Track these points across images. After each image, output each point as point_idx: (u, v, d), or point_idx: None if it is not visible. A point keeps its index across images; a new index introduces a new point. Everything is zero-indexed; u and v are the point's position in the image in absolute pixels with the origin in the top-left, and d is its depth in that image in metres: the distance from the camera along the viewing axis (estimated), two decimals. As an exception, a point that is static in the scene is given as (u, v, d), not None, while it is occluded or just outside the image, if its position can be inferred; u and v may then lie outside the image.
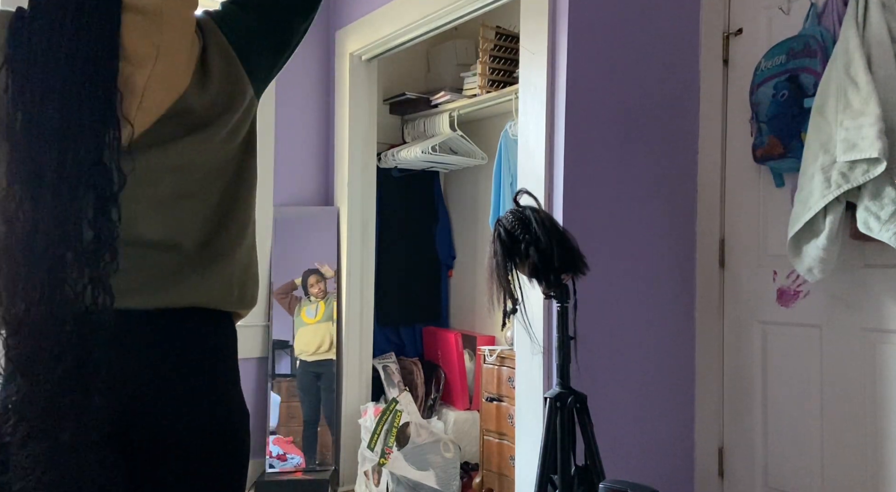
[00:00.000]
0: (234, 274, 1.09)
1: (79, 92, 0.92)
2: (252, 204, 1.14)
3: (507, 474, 2.88)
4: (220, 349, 1.09)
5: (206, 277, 1.05)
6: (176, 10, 1.04)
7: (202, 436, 1.03)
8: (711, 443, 2.44)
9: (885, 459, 2.01)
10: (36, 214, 0.90)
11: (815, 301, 2.18)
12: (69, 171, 0.91)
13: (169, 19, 1.03)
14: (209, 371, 1.06)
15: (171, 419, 1.01)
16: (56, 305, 0.89)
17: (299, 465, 3.22)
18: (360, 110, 3.44)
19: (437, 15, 2.82)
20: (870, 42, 1.91)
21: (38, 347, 0.89)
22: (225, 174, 1.08)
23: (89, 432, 0.90)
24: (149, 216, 1.01)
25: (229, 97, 1.07)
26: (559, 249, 1.75)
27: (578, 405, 1.77)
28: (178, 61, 1.02)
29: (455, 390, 3.56)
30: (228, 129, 1.07)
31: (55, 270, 0.90)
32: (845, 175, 1.89)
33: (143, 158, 0.99)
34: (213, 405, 1.06)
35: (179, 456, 1.02)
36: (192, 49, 1.04)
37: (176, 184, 1.02)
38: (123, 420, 0.98)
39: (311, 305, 3.34)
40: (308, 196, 3.52)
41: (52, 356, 0.89)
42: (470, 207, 3.91)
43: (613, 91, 2.30)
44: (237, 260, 1.10)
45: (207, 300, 1.06)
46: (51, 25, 0.94)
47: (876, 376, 2.04)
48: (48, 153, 0.91)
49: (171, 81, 1.01)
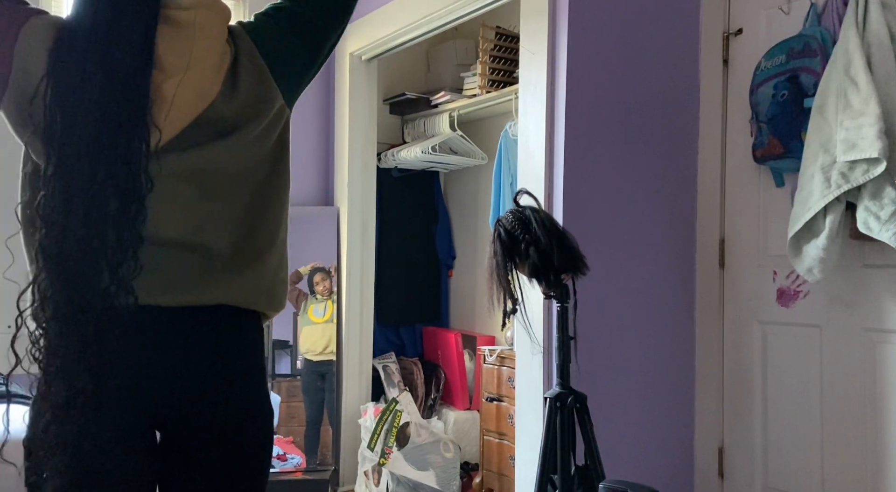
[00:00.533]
0: (264, 279, 1.13)
1: (113, 100, 0.96)
2: (284, 210, 1.17)
3: (507, 474, 2.88)
4: (249, 346, 1.13)
5: (235, 280, 1.09)
6: (209, 22, 1.07)
7: (236, 430, 1.08)
8: (711, 443, 2.44)
9: (885, 459, 2.01)
10: (68, 217, 0.94)
11: (815, 301, 2.18)
12: (100, 176, 0.95)
13: (201, 32, 1.06)
14: (240, 367, 1.10)
15: (207, 413, 1.05)
16: (82, 303, 0.94)
17: (299, 465, 3.22)
18: (360, 110, 3.44)
19: (437, 15, 2.82)
20: (870, 42, 1.91)
21: (65, 341, 0.93)
22: (252, 179, 1.10)
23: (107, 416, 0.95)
24: (175, 218, 1.04)
25: (257, 106, 1.09)
26: (559, 249, 1.75)
27: (578, 405, 1.77)
28: (208, 72, 1.05)
29: (455, 390, 3.55)
30: (255, 135, 1.09)
31: (84, 269, 0.94)
32: (845, 175, 1.89)
33: (170, 161, 1.02)
34: (245, 400, 1.10)
35: (212, 449, 1.07)
36: (223, 60, 1.07)
37: (200, 187, 1.05)
38: (161, 414, 1.04)
39: (319, 304, 3.33)
40: (308, 196, 3.52)
41: (78, 349, 0.93)
42: (470, 207, 3.91)
43: (613, 91, 2.30)
44: (267, 265, 1.13)
45: (236, 300, 1.09)
46: (90, 34, 0.98)
47: (876, 376, 2.04)
48: (82, 158, 0.95)
49: (200, 91, 1.04)
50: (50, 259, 0.94)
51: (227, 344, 1.09)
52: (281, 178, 1.15)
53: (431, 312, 3.92)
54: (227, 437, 1.07)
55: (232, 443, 1.08)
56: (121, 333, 0.95)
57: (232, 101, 1.06)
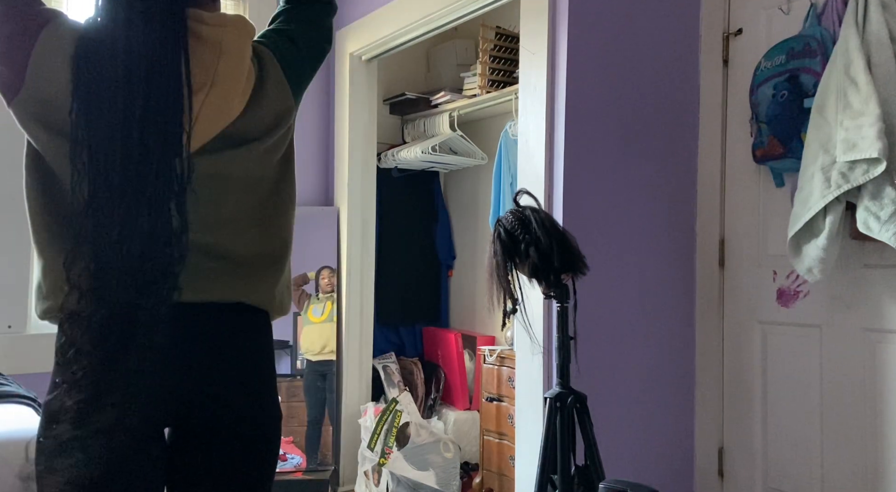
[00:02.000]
0: (277, 285, 1.17)
1: (142, 119, 0.98)
2: (292, 219, 1.21)
3: (507, 474, 2.88)
4: (264, 343, 1.16)
5: (251, 284, 1.12)
6: (234, 42, 1.09)
7: (252, 425, 1.10)
8: (711, 443, 2.44)
9: (885, 459, 2.01)
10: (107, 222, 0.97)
11: (815, 301, 2.18)
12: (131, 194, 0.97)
13: (227, 50, 1.08)
14: (257, 362, 1.13)
15: (226, 408, 1.08)
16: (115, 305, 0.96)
17: (299, 465, 3.22)
18: (360, 110, 3.44)
19: (437, 15, 2.82)
20: (869, 42, 1.91)
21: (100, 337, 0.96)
22: (262, 187, 1.14)
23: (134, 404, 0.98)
24: (191, 220, 1.05)
25: (277, 122, 1.13)
26: (559, 249, 1.74)
27: (578, 405, 1.77)
28: (232, 90, 1.07)
29: (455, 390, 3.56)
30: (268, 145, 1.13)
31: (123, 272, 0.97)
32: (845, 175, 1.89)
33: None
34: (262, 396, 1.13)
35: (228, 442, 1.08)
36: (248, 78, 1.10)
37: (215, 191, 1.08)
38: (181, 409, 1.05)
39: (318, 304, 3.34)
40: (308, 196, 3.52)
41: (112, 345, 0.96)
42: (470, 207, 3.91)
43: (613, 91, 2.30)
44: (283, 268, 1.18)
45: (253, 300, 1.13)
46: (118, 45, 0.99)
47: (876, 376, 2.04)
48: (115, 176, 0.97)
49: (223, 109, 1.06)
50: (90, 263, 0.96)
51: (244, 336, 1.12)
52: (289, 185, 1.20)
53: (431, 312, 3.92)
54: (242, 433, 1.09)
55: (246, 439, 1.10)
56: (158, 332, 0.97)
57: (253, 118, 1.09)
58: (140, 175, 0.97)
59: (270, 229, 1.15)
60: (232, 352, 1.10)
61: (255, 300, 1.13)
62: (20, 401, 1.94)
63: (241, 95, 1.08)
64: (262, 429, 1.11)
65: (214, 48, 1.07)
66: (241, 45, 1.10)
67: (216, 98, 1.05)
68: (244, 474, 1.10)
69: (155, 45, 0.99)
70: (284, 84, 1.15)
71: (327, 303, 3.33)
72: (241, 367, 1.10)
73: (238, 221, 1.10)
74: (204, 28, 1.06)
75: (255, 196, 1.12)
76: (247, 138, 1.09)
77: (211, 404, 1.07)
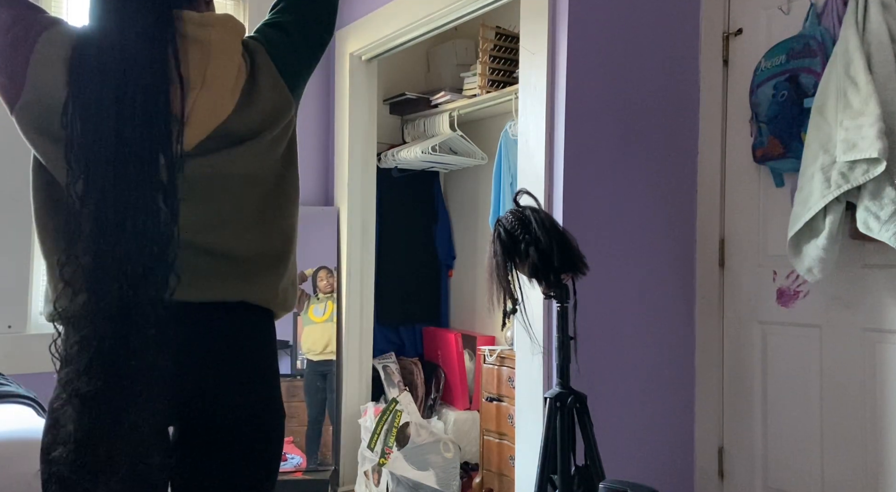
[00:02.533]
0: (281, 282, 1.16)
1: (132, 117, 0.98)
2: (295, 216, 1.21)
3: (507, 474, 2.88)
4: (267, 343, 1.16)
5: (253, 282, 1.12)
6: (224, 41, 1.09)
7: (254, 424, 1.10)
8: (711, 443, 2.44)
9: (885, 459, 2.01)
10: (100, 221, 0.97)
11: (815, 301, 2.18)
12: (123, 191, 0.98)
13: (218, 51, 1.08)
14: (259, 362, 1.13)
15: (229, 408, 1.08)
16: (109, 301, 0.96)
17: (299, 465, 3.22)
18: (360, 110, 3.44)
19: (437, 15, 2.82)
20: (870, 42, 1.91)
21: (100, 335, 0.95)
22: (263, 184, 1.13)
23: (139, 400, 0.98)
24: (190, 220, 1.05)
25: (273, 117, 1.13)
26: (559, 249, 1.74)
27: (578, 405, 1.77)
28: (223, 90, 1.07)
29: (455, 390, 3.56)
30: (266, 143, 1.12)
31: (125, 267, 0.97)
32: (845, 175, 1.89)
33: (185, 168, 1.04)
34: (265, 396, 1.13)
35: (230, 442, 1.08)
36: (239, 77, 1.10)
37: (214, 190, 1.08)
38: (185, 408, 1.06)
39: (319, 304, 3.34)
40: (308, 196, 3.52)
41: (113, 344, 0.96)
42: (470, 207, 3.91)
43: (613, 91, 2.30)
44: (287, 266, 1.17)
45: (256, 299, 1.13)
46: (110, 49, 0.99)
47: (876, 376, 2.04)
48: (107, 174, 0.98)
49: (215, 108, 1.06)
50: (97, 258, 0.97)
51: (247, 335, 1.12)
52: (291, 183, 1.19)
53: (431, 312, 3.92)
54: (245, 433, 1.09)
55: (249, 439, 1.10)
56: (155, 329, 0.98)
57: (246, 116, 1.09)
58: (130, 174, 0.98)
59: (273, 227, 1.15)
60: (235, 351, 1.10)
61: (258, 299, 1.13)
62: (20, 401, 1.94)
63: (231, 94, 1.08)
64: (264, 429, 1.11)
65: (204, 48, 1.07)
66: (230, 44, 1.10)
67: (207, 97, 1.06)
68: (247, 475, 1.10)
69: (144, 46, 1.00)
70: (278, 79, 1.14)
71: (328, 302, 3.34)
72: (244, 366, 1.10)
73: (239, 220, 1.10)
74: (194, 29, 1.07)
75: (256, 194, 1.12)
76: (243, 136, 1.09)
77: (213, 403, 1.07)
